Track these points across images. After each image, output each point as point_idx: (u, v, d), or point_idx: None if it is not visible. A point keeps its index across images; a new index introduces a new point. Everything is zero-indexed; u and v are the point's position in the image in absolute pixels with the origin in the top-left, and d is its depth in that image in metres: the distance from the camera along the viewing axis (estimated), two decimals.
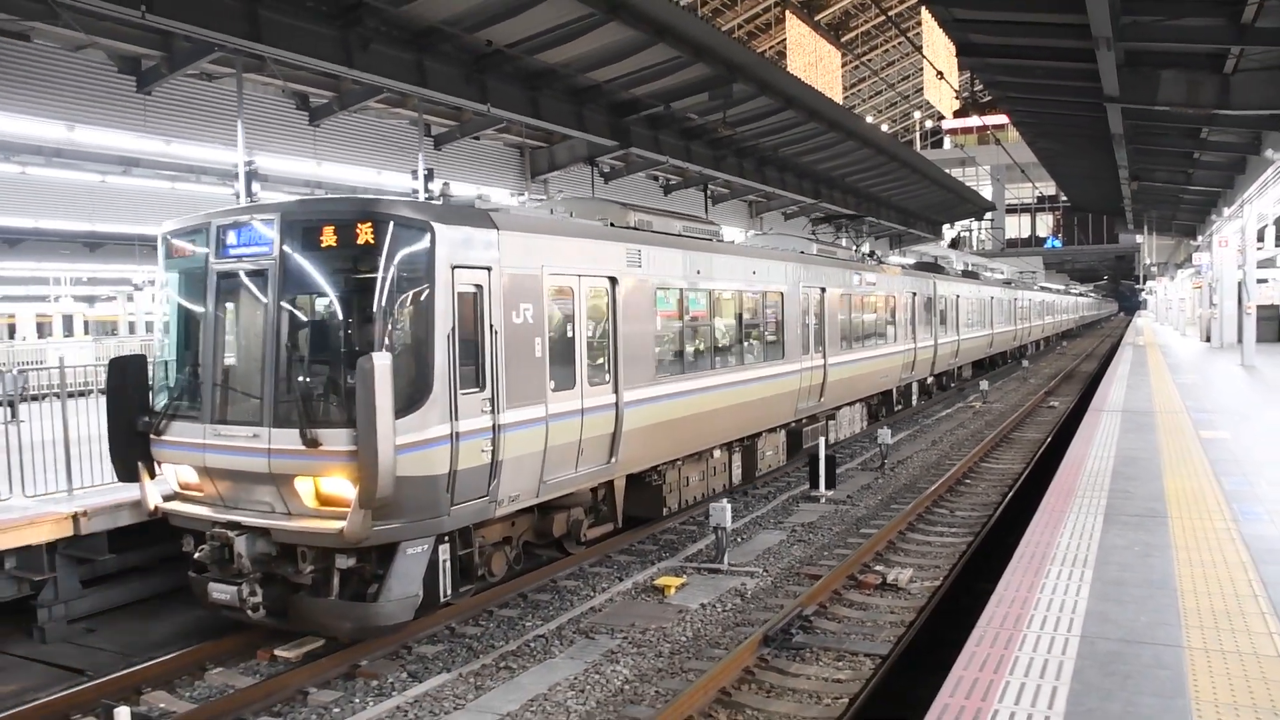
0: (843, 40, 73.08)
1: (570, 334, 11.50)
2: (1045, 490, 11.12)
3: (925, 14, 52.33)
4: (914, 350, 26.53)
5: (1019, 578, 7.76)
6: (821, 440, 18.08)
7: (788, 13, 56.97)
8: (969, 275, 38.57)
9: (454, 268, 9.51)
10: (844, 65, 78.58)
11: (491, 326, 9.96)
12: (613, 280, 12.31)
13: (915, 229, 56.24)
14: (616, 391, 12.24)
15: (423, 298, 9.28)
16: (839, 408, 21.09)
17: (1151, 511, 9.92)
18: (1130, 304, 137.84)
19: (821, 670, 9.44)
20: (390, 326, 9.16)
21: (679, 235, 14.70)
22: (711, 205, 33.54)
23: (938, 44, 53.42)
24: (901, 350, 25.35)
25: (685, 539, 14.40)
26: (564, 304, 11.43)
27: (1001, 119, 43.82)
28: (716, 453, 15.65)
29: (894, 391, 25.91)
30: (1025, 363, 49.23)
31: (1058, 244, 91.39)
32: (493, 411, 9.93)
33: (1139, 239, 65.54)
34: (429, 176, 15.06)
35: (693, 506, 15.10)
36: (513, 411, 10.22)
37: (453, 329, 9.41)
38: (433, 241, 9.36)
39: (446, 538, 9.84)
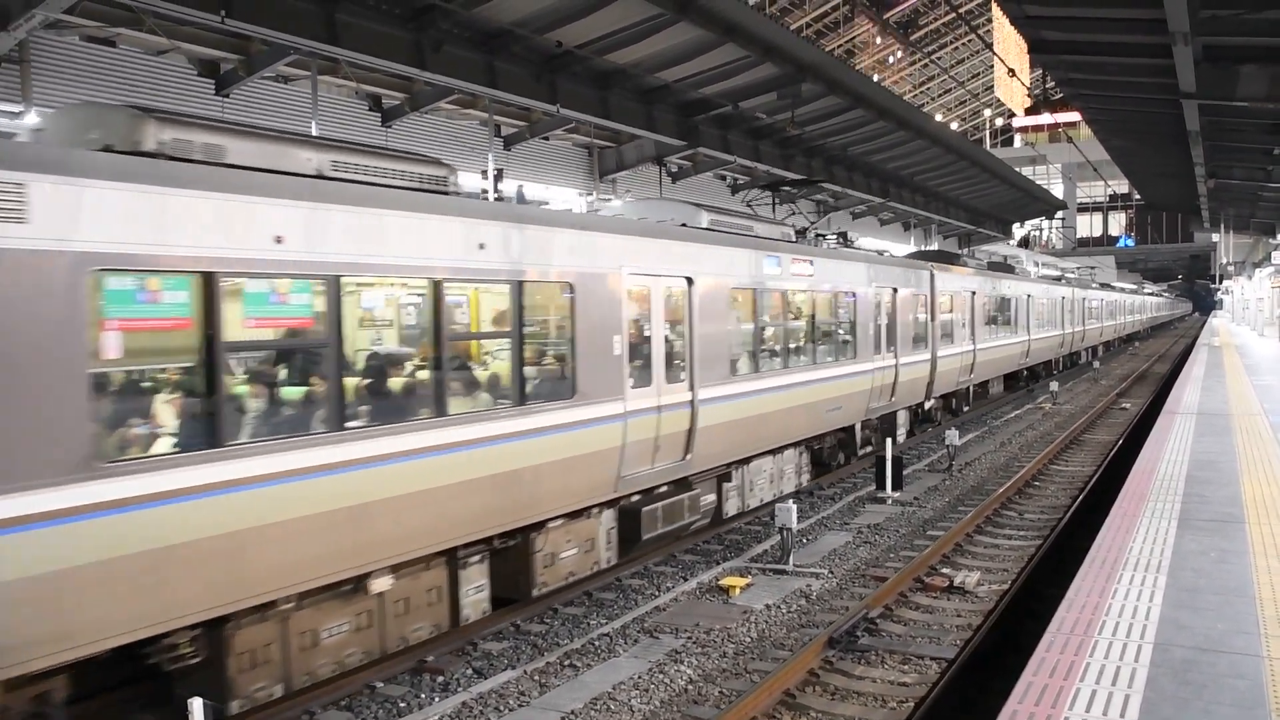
0: (912, 38, 72.39)
1: None
2: (1117, 494, 10.95)
3: (996, 11, 51.61)
4: (894, 368, 19.56)
5: (1090, 582, 7.66)
6: (889, 441, 17.77)
7: (857, 14, 56.57)
8: (997, 267, 32.17)
9: None
10: (913, 63, 77.91)
11: None
12: None
13: (984, 228, 55.55)
14: None
15: None
16: (746, 460, 14.38)
17: (1228, 516, 9.72)
18: (1205, 304, 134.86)
19: (887, 673, 9.40)
20: None
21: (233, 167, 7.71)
22: (779, 204, 33.45)
23: (1008, 41, 52.66)
24: (869, 370, 18.19)
25: (751, 539, 14.39)
26: None
27: (1074, 116, 43.09)
28: (380, 583, 8.72)
29: (857, 429, 18.62)
30: (1096, 364, 48.21)
31: (1130, 243, 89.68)
32: None
33: (1215, 237, 64.04)
34: (499, 176, 15.10)
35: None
36: None
37: None
38: None
39: None
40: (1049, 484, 18.63)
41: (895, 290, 19.76)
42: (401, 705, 8.83)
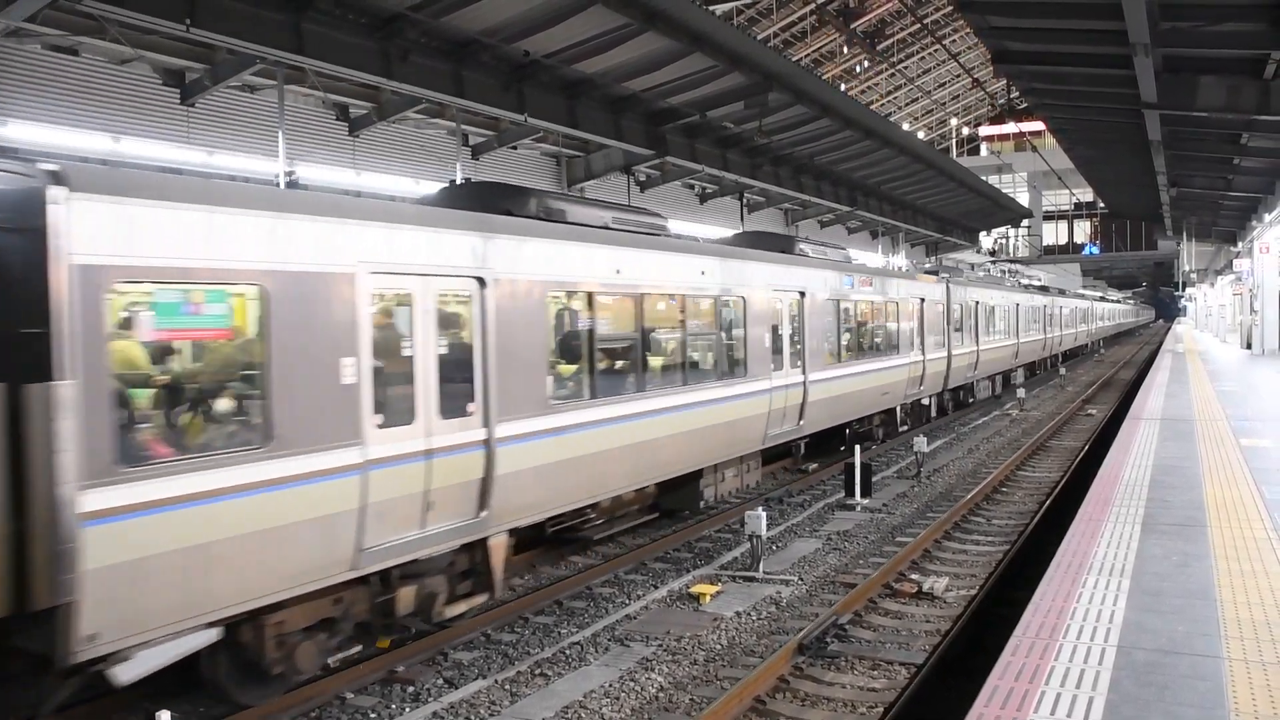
0: (879, 48, 72.89)
1: None
2: (1082, 499, 11.07)
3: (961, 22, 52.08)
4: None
5: (1056, 587, 7.74)
6: (857, 448, 17.83)
7: (824, 24, 56.90)
8: (767, 241, 18.45)
9: None
10: (880, 72, 78.41)
11: None
12: None
13: (952, 236, 55.93)
14: None
15: None
16: None
17: (1190, 520, 9.85)
18: (1169, 311, 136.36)
19: (856, 679, 9.45)
20: None
21: None
22: (748, 213, 33.58)
23: (974, 51, 53.16)
24: None
25: (721, 547, 14.43)
26: None
27: (1038, 125, 43.49)
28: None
29: None
30: (1062, 370, 48.48)
31: (1096, 251, 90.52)
32: None
33: (1178, 245, 64.87)
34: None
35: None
36: None
37: None
38: None
39: None
40: (1016, 490, 18.79)
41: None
42: (372, 716, 8.79)
